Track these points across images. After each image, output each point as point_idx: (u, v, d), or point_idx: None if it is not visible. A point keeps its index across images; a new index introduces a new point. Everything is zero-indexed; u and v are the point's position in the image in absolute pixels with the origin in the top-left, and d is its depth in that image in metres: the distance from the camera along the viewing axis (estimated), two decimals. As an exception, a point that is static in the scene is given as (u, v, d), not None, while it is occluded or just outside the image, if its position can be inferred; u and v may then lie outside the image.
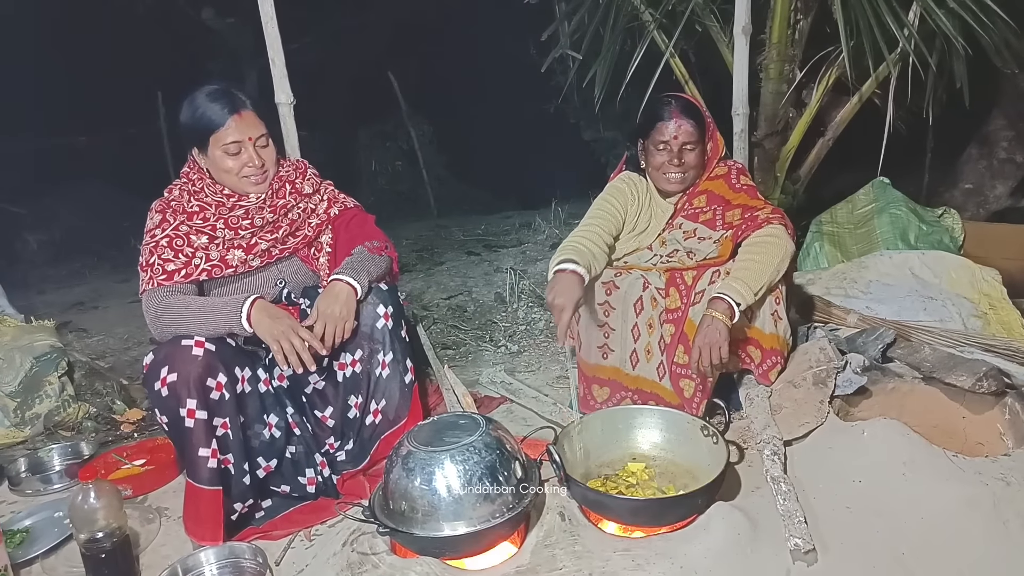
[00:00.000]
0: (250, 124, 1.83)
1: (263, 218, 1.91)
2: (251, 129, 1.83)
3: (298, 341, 1.74)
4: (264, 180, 1.88)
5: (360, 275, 1.86)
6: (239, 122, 1.81)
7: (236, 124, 1.81)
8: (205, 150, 1.84)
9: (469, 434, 1.58)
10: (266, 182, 1.89)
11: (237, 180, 1.86)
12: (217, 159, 1.83)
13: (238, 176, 1.85)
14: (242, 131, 1.82)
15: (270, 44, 2.60)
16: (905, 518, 1.61)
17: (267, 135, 1.87)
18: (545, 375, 2.78)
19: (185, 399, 1.67)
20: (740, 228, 2.07)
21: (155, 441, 2.42)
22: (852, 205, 3.29)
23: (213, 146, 1.82)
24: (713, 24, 3.25)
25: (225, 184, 1.88)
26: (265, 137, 1.87)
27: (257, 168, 1.85)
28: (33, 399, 2.67)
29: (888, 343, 2.21)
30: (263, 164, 1.86)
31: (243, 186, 1.87)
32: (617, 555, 1.54)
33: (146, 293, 1.81)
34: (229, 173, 1.85)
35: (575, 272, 1.96)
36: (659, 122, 2.11)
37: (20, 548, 1.85)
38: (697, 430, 1.82)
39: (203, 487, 1.70)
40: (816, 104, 3.22)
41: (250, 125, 1.83)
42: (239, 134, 1.81)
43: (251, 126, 1.83)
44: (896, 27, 2.75)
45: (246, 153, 1.83)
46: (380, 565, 1.55)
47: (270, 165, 1.88)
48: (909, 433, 1.79)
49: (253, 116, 1.84)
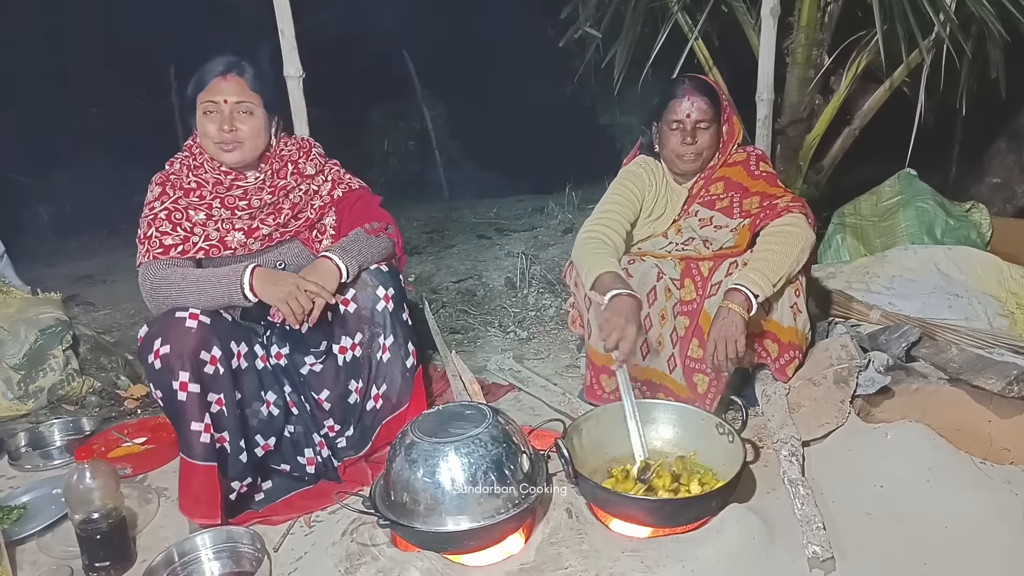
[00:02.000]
0: (232, 88, 1.78)
1: (261, 199, 1.86)
2: (230, 93, 1.78)
3: (304, 298, 1.71)
4: (236, 151, 1.80)
5: (349, 256, 1.82)
6: (220, 83, 1.77)
7: (216, 85, 1.77)
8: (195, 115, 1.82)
9: (475, 425, 1.53)
10: (239, 153, 1.81)
11: (213, 147, 1.81)
12: (199, 122, 1.81)
13: (213, 142, 1.80)
14: (220, 92, 1.77)
15: (279, 15, 2.55)
16: (928, 526, 1.55)
17: (251, 105, 1.80)
18: (554, 363, 2.73)
19: (178, 371, 1.63)
20: (758, 217, 2.01)
21: (157, 419, 2.40)
22: (877, 197, 3.19)
23: (198, 109, 1.80)
24: (740, 5, 3.15)
25: (207, 151, 1.83)
26: (248, 106, 1.80)
27: (226, 133, 1.78)
28: (37, 372, 2.66)
29: (913, 341, 2.14)
30: (232, 130, 1.78)
31: (216, 152, 1.81)
32: (626, 556, 1.49)
33: (143, 266, 1.77)
34: (207, 138, 1.80)
35: (633, 295, 1.85)
36: (672, 100, 2.07)
37: (17, 525, 1.83)
38: (712, 427, 1.75)
39: (197, 462, 1.67)
40: (844, 91, 3.12)
41: (231, 89, 1.78)
42: (216, 95, 1.77)
43: (232, 90, 1.78)
44: (932, 11, 2.63)
45: (220, 116, 1.78)
46: (380, 557, 1.51)
47: (248, 137, 1.81)
48: (935, 437, 1.72)
49: (239, 82, 1.79)
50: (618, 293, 1.84)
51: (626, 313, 1.79)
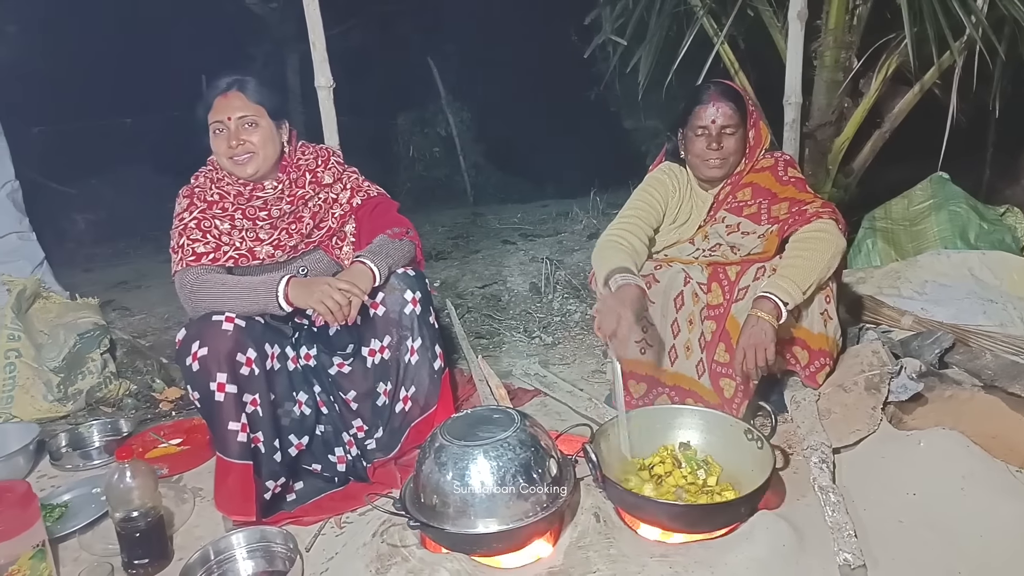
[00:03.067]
0: (233, 104, 1.84)
1: (280, 209, 1.92)
2: (233, 109, 1.84)
3: (339, 295, 1.74)
4: (250, 162, 1.86)
5: (379, 260, 1.86)
6: (223, 102, 1.85)
7: (220, 103, 1.85)
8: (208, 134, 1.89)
9: (504, 429, 1.54)
10: (253, 164, 1.87)
11: (227, 162, 1.87)
12: (211, 141, 1.88)
13: (226, 158, 1.86)
14: (223, 111, 1.84)
15: (311, 27, 2.59)
16: (962, 535, 1.53)
17: (255, 117, 1.86)
18: (580, 369, 2.73)
19: (215, 373, 1.68)
20: (787, 222, 2.00)
21: (192, 421, 2.45)
22: (908, 201, 3.14)
23: (210, 129, 1.87)
24: (766, 9, 3.13)
25: (223, 167, 1.90)
26: (252, 119, 1.86)
27: (235, 148, 1.84)
28: (76, 375, 2.72)
29: (946, 348, 2.10)
30: (240, 145, 1.84)
31: (232, 168, 1.87)
32: (654, 560, 1.49)
33: (178, 273, 1.84)
34: (219, 155, 1.87)
35: (637, 285, 1.87)
36: (697, 106, 2.06)
37: (59, 523, 1.88)
38: (740, 433, 1.74)
39: (233, 460, 1.71)
40: (874, 94, 3.08)
41: (233, 105, 1.84)
42: (220, 114, 1.84)
43: (234, 107, 1.84)
44: (963, 13, 2.60)
45: (227, 132, 1.84)
46: (410, 558, 1.53)
47: (258, 147, 1.87)
48: (969, 445, 1.70)
49: (240, 97, 1.85)
50: (622, 282, 1.85)
51: (625, 301, 1.79)
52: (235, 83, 1.86)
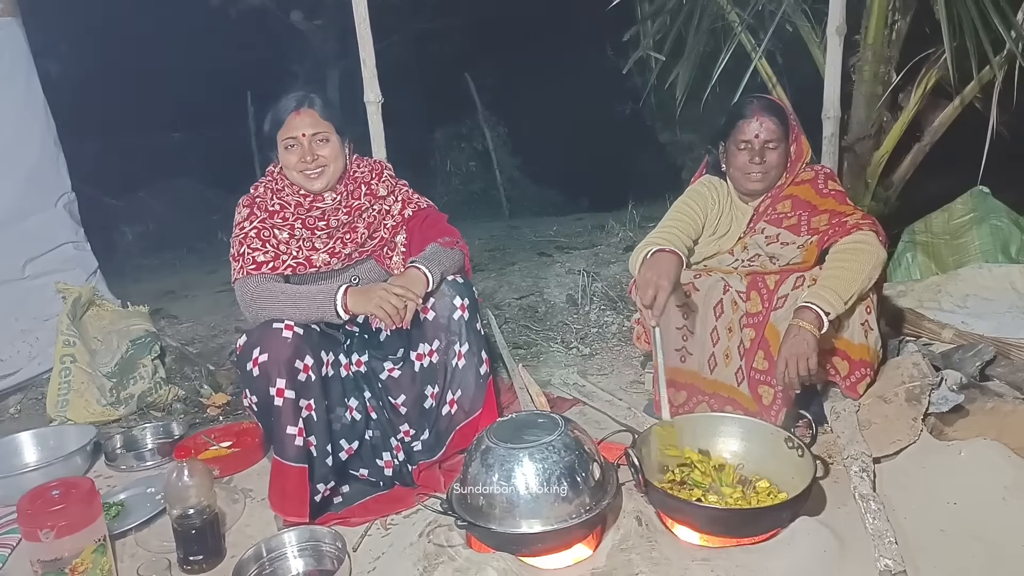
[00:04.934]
0: (306, 122, 1.93)
1: (338, 219, 2.00)
2: (306, 126, 1.93)
3: (396, 299, 1.81)
4: (321, 176, 1.96)
5: (432, 266, 1.93)
6: (295, 119, 1.93)
7: (292, 121, 1.93)
8: (276, 149, 1.98)
9: (548, 433, 1.58)
10: (324, 178, 1.97)
11: (298, 175, 1.96)
12: (281, 156, 1.97)
13: (297, 171, 1.95)
14: (297, 127, 1.93)
15: (362, 45, 2.67)
16: (1005, 545, 1.52)
17: (326, 133, 1.95)
18: (618, 379, 2.76)
19: (275, 379, 1.75)
20: (827, 234, 2.01)
21: (240, 425, 2.52)
22: (949, 214, 3.11)
23: (279, 144, 1.96)
24: (804, 24, 3.15)
25: (293, 180, 1.99)
26: (324, 135, 1.95)
27: (309, 163, 1.93)
28: (128, 380, 2.81)
29: (987, 360, 2.09)
30: (314, 160, 1.94)
31: (303, 181, 1.97)
32: (695, 564, 1.51)
33: (238, 282, 1.92)
34: (290, 169, 1.96)
35: (674, 252, 1.91)
36: (740, 120, 2.09)
37: (116, 520, 1.95)
38: (781, 442, 1.76)
39: (290, 464, 1.77)
40: (914, 108, 3.07)
41: (306, 123, 1.93)
42: (294, 130, 1.93)
43: (307, 124, 1.93)
44: (1003, 27, 2.59)
45: (301, 148, 1.93)
46: (456, 558, 1.57)
47: (330, 161, 1.97)
48: (1010, 455, 1.69)
49: (312, 114, 1.94)
50: (655, 250, 1.89)
51: (662, 268, 1.84)
52: (306, 100, 1.95)
